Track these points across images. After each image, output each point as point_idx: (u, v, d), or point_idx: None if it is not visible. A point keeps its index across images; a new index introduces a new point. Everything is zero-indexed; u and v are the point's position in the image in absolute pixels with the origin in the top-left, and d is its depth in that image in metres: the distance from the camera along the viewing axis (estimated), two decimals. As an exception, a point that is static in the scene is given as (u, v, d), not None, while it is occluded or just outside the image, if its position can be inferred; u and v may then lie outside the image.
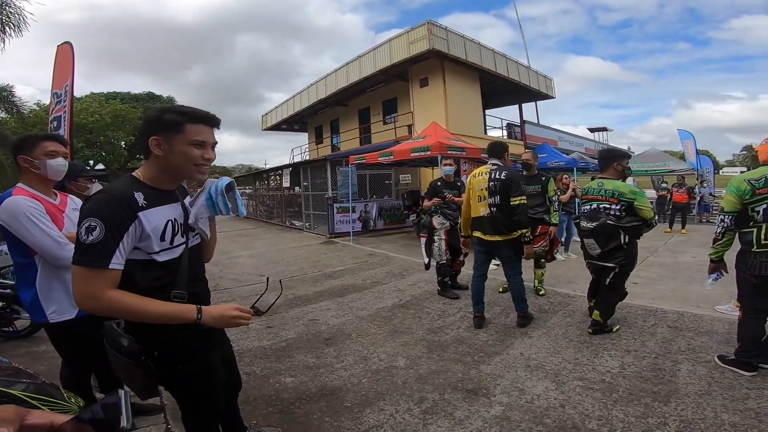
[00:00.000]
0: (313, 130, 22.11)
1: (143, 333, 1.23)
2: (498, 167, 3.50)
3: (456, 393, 2.47)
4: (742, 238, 2.61)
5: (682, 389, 2.44)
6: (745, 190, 2.51)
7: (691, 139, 13.11)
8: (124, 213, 1.13)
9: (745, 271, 2.58)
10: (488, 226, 3.47)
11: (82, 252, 1.08)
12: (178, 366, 1.30)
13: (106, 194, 1.16)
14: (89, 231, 1.08)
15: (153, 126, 1.22)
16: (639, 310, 3.90)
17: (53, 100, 4.40)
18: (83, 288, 1.09)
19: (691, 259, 6.62)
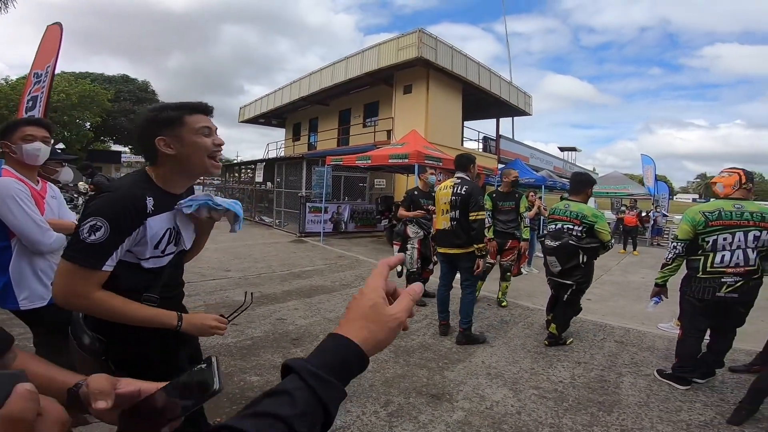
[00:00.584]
0: (291, 127, 21.84)
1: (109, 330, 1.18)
2: (461, 181, 3.58)
3: (421, 397, 2.57)
4: (690, 264, 2.84)
5: (624, 400, 2.66)
6: (699, 221, 2.71)
7: (652, 165, 13.93)
8: (132, 218, 1.11)
9: (690, 294, 2.82)
10: (447, 239, 3.58)
11: (80, 250, 1.05)
12: (143, 363, 1.24)
13: (118, 195, 1.12)
14: (93, 230, 1.05)
15: (153, 127, 1.18)
16: (590, 325, 4.17)
17: (32, 80, 4.19)
18: (71, 285, 1.06)
19: (640, 279, 7.09)
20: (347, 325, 0.53)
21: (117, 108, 25.37)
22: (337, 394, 0.46)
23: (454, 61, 12.74)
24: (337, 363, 0.48)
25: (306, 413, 0.43)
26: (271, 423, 0.41)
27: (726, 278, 2.64)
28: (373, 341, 0.52)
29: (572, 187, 3.67)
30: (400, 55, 11.93)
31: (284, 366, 0.47)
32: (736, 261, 2.62)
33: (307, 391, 0.44)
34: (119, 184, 1.18)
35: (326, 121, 17.98)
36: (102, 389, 0.61)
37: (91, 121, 22.61)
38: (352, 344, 0.50)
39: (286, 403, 0.42)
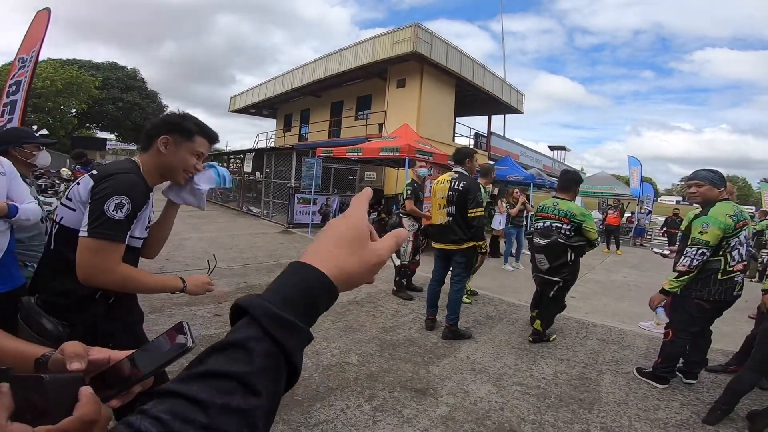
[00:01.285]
0: (282, 118, 21.57)
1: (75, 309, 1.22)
2: (459, 176, 3.54)
3: (405, 392, 2.58)
4: (707, 266, 2.73)
5: (604, 398, 2.70)
6: (729, 225, 2.66)
7: (638, 166, 14.12)
8: (144, 197, 1.23)
9: (703, 298, 2.73)
10: (444, 234, 3.56)
11: (109, 226, 1.12)
12: (110, 343, 1.30)
13: (134, 176, 1.22)
14: (119, 207, 1.13)
15: (169, 127, 1.31)
16: (574, 323, 4.23)
17: (17, 65, 4.10)
18: (102, 261, 1.12)
19: (622, 278, 7.23)
20: (319, 253, 0.44)
21: (105, 95, 24.89)
22: (302, 340, 0.38)
23: (448, 57, 12.69)
24: (303, 300, 0.39)
25: (267, 368, 0.35)
26: (224, 385, 0.33)
27: (737, 277, 2.68)
28: (347, 276, 0.43)
29: (561, 185, 3.68)
30: (395, 49, 11.84)
31: (236, 306, 0.38)
32: (739, 258, 2.68)
33: (268, 341, 0.35)
34: (126, 168, 1.26)
35: (318, 112, 17.80)
36: (77, 352, 0.62)
37: (77, 107, 22.17)
38: (323, 277, 0.41)
39: (241, 359, 0.34)
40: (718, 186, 2.78)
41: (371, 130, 13.64)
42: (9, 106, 3.98)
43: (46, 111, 20.34)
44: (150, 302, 3.70)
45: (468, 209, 3.39)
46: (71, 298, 1.21)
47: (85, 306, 1.23)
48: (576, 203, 3.55)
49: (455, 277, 3.58)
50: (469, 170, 3.62)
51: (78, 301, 1.22)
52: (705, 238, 2.67)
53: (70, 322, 1.20)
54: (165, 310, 3.63)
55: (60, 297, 1.22)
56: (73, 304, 1.22)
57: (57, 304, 1.21)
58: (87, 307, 1.23)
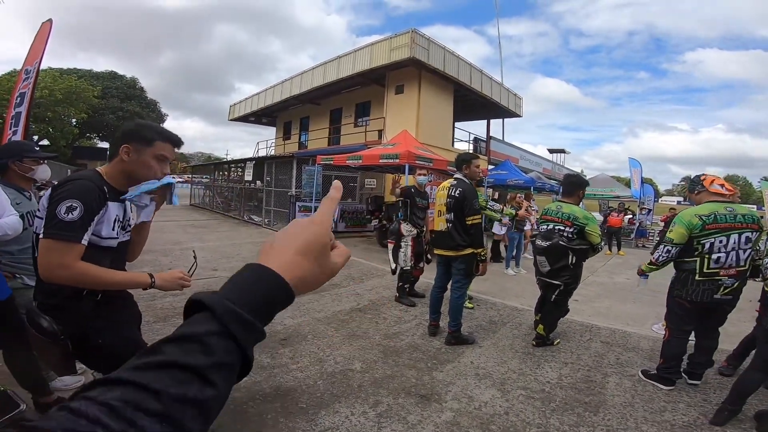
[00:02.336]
0: (281, 126, 21.68)
1: (64, 309, 1.34)
2: (458, 182, 3.54)
3: (410, 398, 2.57)
4: (684, 266, 2.83)
5: (609, 400, 2.69)
6: (695, 225, 2.73)
7: (639, 168, 14.11)
8: (99, 199, 1.32)
9: (682, 297, 2.83)
10: (444, 241, 3.56)
11: (61, 227, 1.22)
12: (100, 339, 1.40)
13: (86, 181, 1.31)
14: (70, 210, 1.23)
15: (129, 136, 1.41)
16: (577, 326, 4.21)
17: (22, 76, 4.14)
18: (55, 258, 1.22)
19: (625, 280, 7.20)
20: (282, 257, 0.45)
21: (104, 104, 24.95)
22: (257, 338, 0.39)
23: (446, 62, 12.77)
24: (263, 303, 0.40)
25: (224, 363, 0.36)
26: (180, 376, 0.33)
27: (723, 280, 2.68)
28: (304, 283, 0.45)
29: (565, 189, 3.69)
30: (393, 55, 11.92)
31: (194, 301, 0.39)
32: (730, 263, 2.67)
33: (226, 337, 0.36)
34: (82, 175, 1.36)
35: (317, 120, 17.89)
36: None
37: (77, 117, 22.21)
38: (284, 285, 0.42)
39: (199, 352, 0.34)
40: (691, 190, 3.00)
41: (371, 136, 13.70)
42: (14, 118, 4.02)
43: (47, 121, 20.30)
44: (154, 312, 3.72)
45: (465, 217, 3.39)
46: (58, 296, 1.34)
47: (73, 304, 1.35)
48: (580, 207, 3.55)
49: (455, 284, 3.58)
50: (469, 176, 3.58)
51: (64, 299, 1.34)
52: (670, 236, 2.85)
53: (62, 320, 1.33)
54: (169, 320, 3.64)
55: (48, 297, 1.36)
56: (61, 303, 1.34)
57: (47, 304, 1.35)
58: (74, 304, 1.35)
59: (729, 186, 2.87)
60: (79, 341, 1.36)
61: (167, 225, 10.63)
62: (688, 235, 2.77)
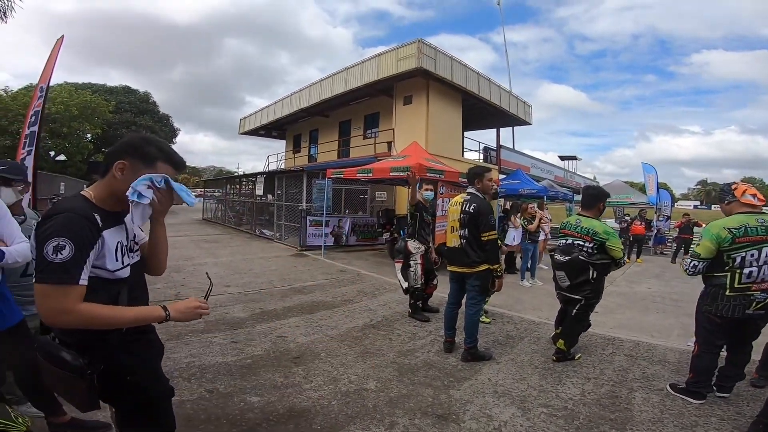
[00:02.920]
0: (291, 139, 21.93)
1: (88, 346, 1.23)
2: (471, 197, 3.47)
3: (426, 418, 2.48)
4: (713, 281, 2.71)
5: (636, 416, 2.57)
6: (725, 238, 2.61)
7: (653, 173, 13.79)
8: (90, 232, 1.17)
9: (712, 312, 2.70)
10: (457, 257, 3.49)
11: (51, 270, 1.10)
12: (128, 376, 1.30)
13: (71, 214, 1.16)
14: (58, 250, 1.10)
15: (128, 151, 1.25)
16: (599, 339, 4.07)
17: (38, 94, 4.16)
18: (54, 304, 1.10)
19: (646, 289, 6.99)
20: None
21: (118, 119, 25.35)
22: None
23: (453, 71, 12.78)
24: None
25: None
26: None
27: (756, 295, 2.56)
28: None
29: (584, 202, 3.57)
30: (400, 66, 11.97)
31: None
32: (763, 277, 2.55)
33: None
34: (67, 206, 1.20)
35: (326, 132, 18.04)
36: None
37: (92, 132, 22.63)
38: None
39: None
40: (722, 200, 2.86)
41: (380, 148, 13.72)
42: (29, 138, 3.98)
43: (63, 136, 20.63)
44: (167, 330, 3.70)
45: (481, 233, 3.31)
46: (75, 336, 1.23)
47: (98, 340, 1.23)
48: (600, 221, 3.44)
49: (470, 300, 3.49)
50: (482, 190, 3.50)
51: (88, 336, 1.22)
52: (697, 250, 2.75)
53: (88, 355, 1.21)
54: (182, 338, 3.62)
55: (68, 335, 1.24)
56: (85, 339, 1.22)
57: (68, 342, 1.23)
58: (100, 340, 1.23)
59: (761, 196, 2.74)
60: (106, 377, 1.24)
61: (180, 240, 10.75)
62: (717, 249, 2.65)
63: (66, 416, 2.11)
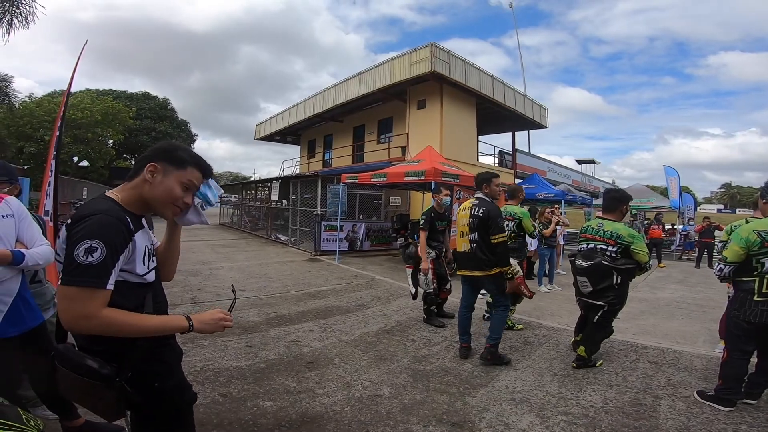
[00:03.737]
0: (306, 144, 22.15)
1: (117, 353, 1.19)
2: (479, 202, 3.47)
3: (441, 426, 2.42)
4: (742, 286, 2.63)
5: (662, 424, 2.46)
6: (754, 242, 2.53)
7: (676, 176, 13.42)
8: (123, 235, 1.15)
9: (740, 318, 2.62)
10: (468, 261, 3.47)
11: (80, 273, 1.07)
12: (156, 383, 1.28)
13: (105, 216, 1.14)
14: (89, 252, 1.07)
15: (161, 155, 1.28)
16: (621, 345, 3.93)
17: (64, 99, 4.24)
18: (78, 308, 1.07)
19: (669, 295, 6.76)
20: None
21: (139, 125, 25.86)
22: None
23: (467, 75, 12.71)
24: None
25: None
26: None
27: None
28: None
29: (606, 205, 3.49)
30: (413, 70, 11.96)
31: None
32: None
33: None
34: (101, 207, 1.18)
35: (341, 137, 18.15)
36: None
37: (114, 138, 23.14)
38: None
39: None
40: (762, 196, 2.72)
41: (394, 153, 13.72)
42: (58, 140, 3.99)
43: (86, 142, 21.03)
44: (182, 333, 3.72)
45: (491, 236, 3.29)
46: (104, 343, 1.18)
47: (125, 348, 1.19)
48: (623, 224, 3.34)
49: (495, 304, 3.52)
50: (490, 195, 3.50)
51: (113, 345, 1.18)
52: (725, 254, 2.68)
53: (116, 363, 1.18)
54: (197, 341, 3.64)
55: (95, 343, 1.20)
56: (113, 348, 1.18)
57: (95, 351, 1.19)
58: (128, 348, 1.19)
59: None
60: (133, 385, 1.21)
61: (197, 245, 10.91)
62: (746, 253, 2.55)
63: (80, 419, 2.11)
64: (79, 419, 2.11)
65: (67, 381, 1.19)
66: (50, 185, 3.76)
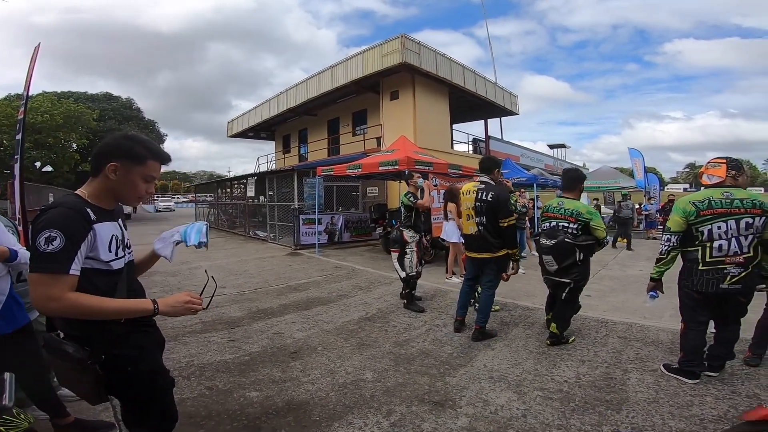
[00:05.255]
0: (280, 139, 21.82)
1: (90, 337, 1.28)
2: (486, 186, 3.57)
3: (423, 405, 2.50)
4: (688, 256, 2.79)
5: (632, 397, 2.60)
6: (690, 211, 2.69)
7: (640, 157, 13.96)
8: (81, 225, 1.23)
9: (689, 287, 2.78)
10: (477, 244, 3.59)
11: (42, 260, 1.16)
12: (129, 367, 1.34)
13: (63, 209, 1.23)
14: (49, 241, 1.16)
15: (118, 152, 1.31)
16: (592, 322, 4.12)
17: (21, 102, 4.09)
18: (43, 291, 1.16)
19: (638, 272, 7.08)
20: None
21: (102, 127, 24.90)
22: None
23: (438, 65, 12.80)
24: None
25: None
26: None
27: (729, 269, 2.61)
28: None
29: (565, 184, 3.63)
30: (385, 62, 11.97)
31: None
32: (734, 250, 2.60)
33: None
34: (59, 202, 1.27)
35: (315, 131, 17.98)
36: None
37: (77, 142, 22.15)
38: None
39: None
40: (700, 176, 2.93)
41: (369, 144, 13.73)
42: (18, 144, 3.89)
43: (48, 147, 20.10)
44: (164, 331, 3.68)
45: (500, 219, 3.43)
46: (78, 328, 1.28)
47: (97, 331, 1.27)
48: (582, 202, 3.51)
49: (488, 282, 3.64)
50: (495, 179, 3.68)
51: (88, 327, 1.27)
52: (668, 224, 2.86)
53: (89, 347, 1.27)
54: (180, 339, 3.61)
55: (70, 328, 1.31)
56: (86, 331, 1.28)
57: (72, 336, 1.30)
58: (99, 331, 1.28)
59: (714, 172, 2.77)
60: (108, 369, 1.29)
61: (173, 245, 10.64)
62: (685, 222, 2.73)
63: (70, 417, 2.14)
64: (68, 417, 2.13)
65: (55, 366, 1.32)
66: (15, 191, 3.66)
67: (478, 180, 3.68)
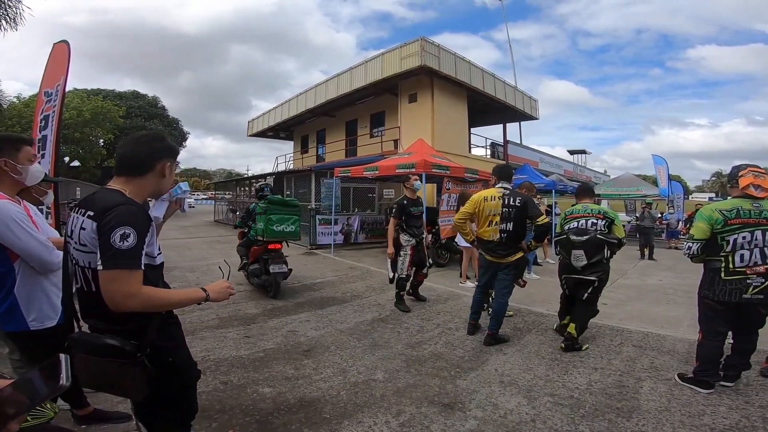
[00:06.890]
0: (299, 139, 22.10)
1: (138, 331, 1.31)
2: (511, 192, 3.63)
3: (432, 407, 2.54)
4: (710, 265, 2.76)
5: (643, 405, 2.58)
6: (717, 219, 2.66)
7: (664, 165, 13.64)
8: (147, 221, 1.31)
9: (710, 297, 2.74)
10: (499, 250, 3.61)
11: (119, 256, 1.20)
12: (170, 358, 1.41)
13: (132, 206, 1.29)
14: (124, 238, 1.21)
15: (170, 152, 1.44)
16: (607, 330, 4.07)
17: (43, 99, 4.18)
18: (122, 288, 1.20)
19: (657, 282, 6.93)
20: None
21: (129, 124, 25.58)
22: None
23: (457, 68, 12.76)
24: None
25: None
26: None
27: (752, 280, 2.58)
28: None
29: (585, 194, 3.89)
30: (404, 64, 12.00)
31: None
32: (754, 260, 2.57)
33: None
34: (121, 199, 1.31)
35: (333, 132, 18.14)
36: None
37: (104, 138, 22.82)
38: None
39: None
40: (728, 182, 2.90)
41: (387, 146, 13.78)
42: (41, 141, 4.00)
43: (76, 142, 20.71)
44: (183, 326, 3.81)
45: (534, 221, 3.51)
46: (126, 323, 1.30)
47: (142, 325, 1.32)
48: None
49: (502, 289, 3.67)
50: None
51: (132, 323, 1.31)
52: (692, 231, 2.82)
53: (135, 341, 1.31)
54: (197, 333, 3.73)
55: (116, 324, 1.31)
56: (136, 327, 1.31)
57: (116, 331, 1.31)
58: (145, 326, 1.32)
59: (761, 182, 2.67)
60: (151, 360, 1.32)
61: (193, 242, 10.95)
62: (710, 230, 2.69)
63: (90, 408, 2.20)
64: (89, 407, 2.19)
65: (88, 366, 1.30)
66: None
67: (500, 186, 3.69)
